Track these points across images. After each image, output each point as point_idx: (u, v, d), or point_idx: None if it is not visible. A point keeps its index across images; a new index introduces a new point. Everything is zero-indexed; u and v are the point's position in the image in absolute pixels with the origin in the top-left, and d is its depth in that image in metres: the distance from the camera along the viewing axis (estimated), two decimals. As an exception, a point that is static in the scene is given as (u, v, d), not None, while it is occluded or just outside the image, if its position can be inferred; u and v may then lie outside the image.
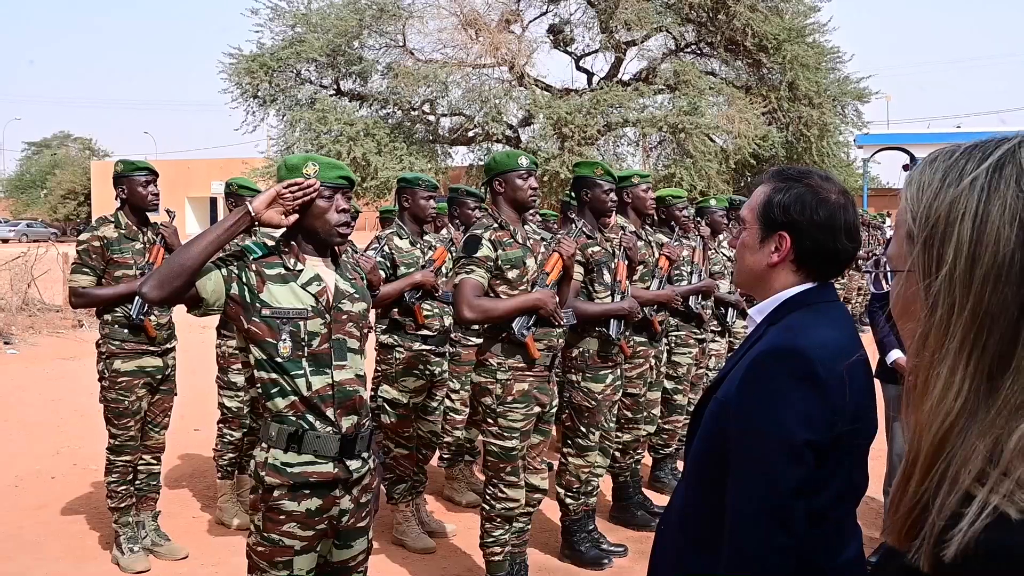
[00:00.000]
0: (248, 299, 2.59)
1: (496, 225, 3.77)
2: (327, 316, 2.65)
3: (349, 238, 3.02)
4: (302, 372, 2.60)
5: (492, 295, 3.72)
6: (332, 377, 2.63)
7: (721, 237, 6.30)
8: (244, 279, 2.59)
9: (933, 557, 0.78)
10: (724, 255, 6.17)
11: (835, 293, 1.77)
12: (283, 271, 2.63)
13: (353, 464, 2.66)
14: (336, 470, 2.62)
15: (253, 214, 2.58)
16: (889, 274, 0.94)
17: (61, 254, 13.35)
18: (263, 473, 2.59)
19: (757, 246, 1.73)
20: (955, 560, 0.76)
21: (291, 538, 2.58)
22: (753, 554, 1.49)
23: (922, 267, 0.84)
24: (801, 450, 1.49)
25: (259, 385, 2.65)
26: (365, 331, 2.81)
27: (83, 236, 4.32)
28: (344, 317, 2.70)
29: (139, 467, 4.49)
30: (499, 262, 3.70)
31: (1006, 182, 0.80)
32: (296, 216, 2.64)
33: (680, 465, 5.76)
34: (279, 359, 2.59)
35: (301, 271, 2.65)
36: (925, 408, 0.83)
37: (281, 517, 2.58)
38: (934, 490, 0.81)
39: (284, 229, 2.75)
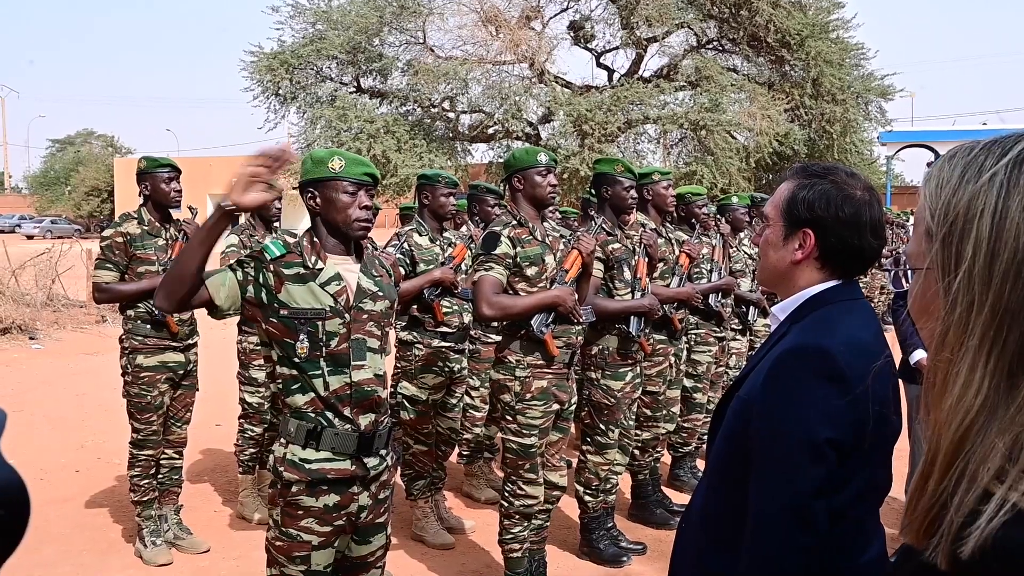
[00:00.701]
0: (266, 300, 2.60)
1: (515, 222, 3.77)
2: (346, 316, 2.65)
3: (369, 235, 3.03)
4: (319, 372, 2.61)
5: (511, 292, 3.72)
6: (350, 377, 2.63)
7: (742, 235, 6.27)
8: (261, 280, 2.59)
9: (951, 555, 0.78)
10: (745, 253, 6.14)
11: (860, 291, 1.75)
12: (302, 270, 2.63)
13: (371, 461, 2.67)
14: (354, 467, 2.63)
15: (235, 206, 2.49)
16: (909, 272, 0.95)
17: (85, 250, 13.49)
18: (281, 468, 2.61)
19: (781, 243, 1.72)
20: (972, 557, 0.76)
21: (309, 533, 2.60)
22: (774, 554, 1.49)
23: (941, 264, 0.83)
24: (823, 449, 1.48)
25: (279, 380, 2.66)
26: (387, 329, 2.81)
27: (107, 232, 4.36)
28: (365, 316, 2.69)
29: (161, 461, 4.53)
30: (518, 259, 3.70)
31: (1022, 175, 0.80)
32: (278, 190, 2.60)
33: (700, 464, 5.74)
34: (296, 359, 2.60)
35: (321, 270, 2.65)
36: (945, 406, 0.82)
37: (299, 512, 2.59)
38: (952, 488, 0.80)
39: (306, 226, 2.76)
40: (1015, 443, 0.77)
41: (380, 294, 2.76)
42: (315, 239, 2.69)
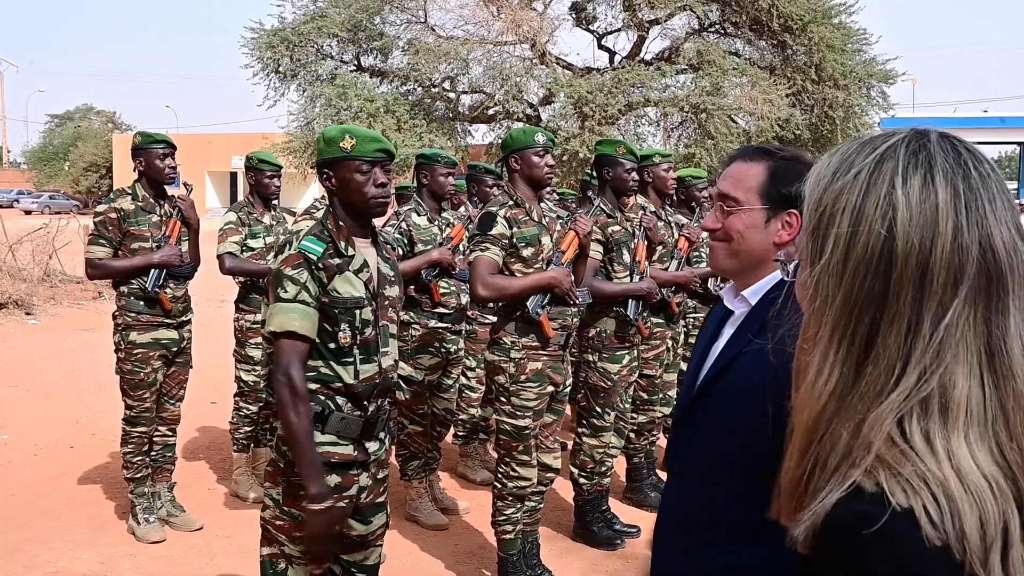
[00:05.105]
0: (322, 296, 2.57)
1: (512, 203, 3.74)
2: (374, 303, 2.63)
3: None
4: (352, 360, 2.59)
5: (507, 273, 3.69)
6: (380, 364, 2.63)
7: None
8: (319, 283, 2.55)
9: (805, 537, 0.83)
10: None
11: None
12: (339, 260, 2.59)
13: (372, 446, 2.67)
14: (356, 452, 2.62)
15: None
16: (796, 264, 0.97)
17: (82, 226, 13.42)
18: (285, 448, 2.58)
19: (763, 226, 1.69)
20: (813, 533, 0.81)
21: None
22: None
23: (808, 256, 0.88)
24: None
25: None
26: (400, 314, 2.80)
27: (100, 208, 4.33)
28: (386, 303, 2.69)
29: (155, 439, 4.52)
30: (514, 240, 3.67)
31: (883, 177, 0.84)
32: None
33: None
34: (332, 346, 2.56)
35: (352, 257, 2.62)
36: (802, 392, 0.86)
37: (302, 492, 2.57)
38: (809, 472, 0.85)
39: (315, 206, 2.71)
40: (858, 427, 0.82)
41: (394, 279, 2.75)
42: (339, 222, 2.65)
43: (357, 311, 2.58)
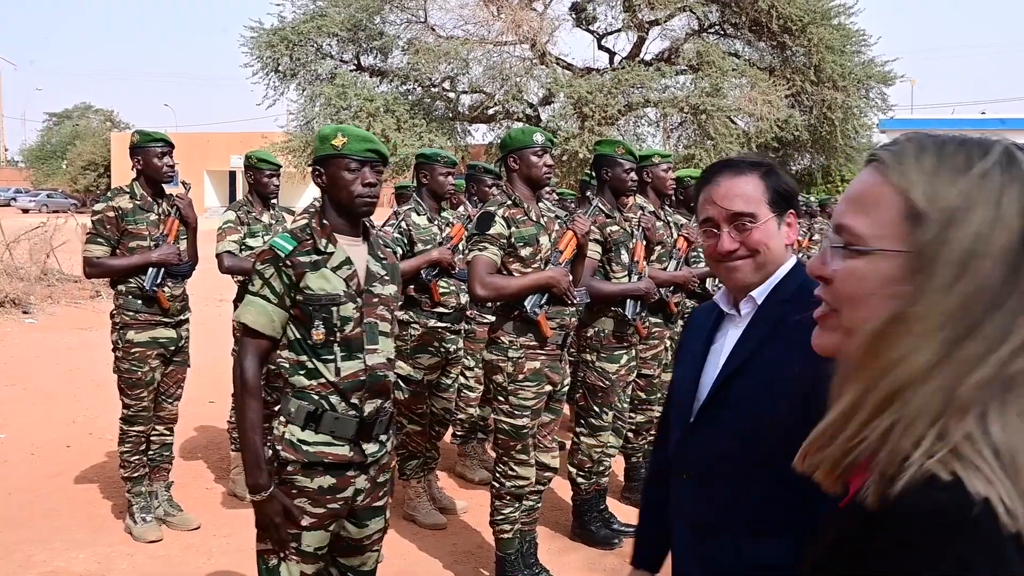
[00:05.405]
0: (292, 293, 2.58)
1: (510, 202, 3.74)
2: (358, 300, 2.63)
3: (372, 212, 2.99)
4: (332, 358, 2.59)
5: (505, 272, 3.69)
6: (365, 362, 2.61)
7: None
8: (284, 279, 2.57)
9: (881, 497, 0.85)
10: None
11: None
12: (315, 256, 2.60)
13: (369, 448, 2.65)
14: (352, 454, 2.61)
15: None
16: (834, 248, 0.96)
17: (80, 225, 13.41)
18: (279, 447, 2.59)
19: (778, 233, 1.76)
20: (893, 504, 0.83)
21: (301, 513, 2.57)
22: None
23: (922, 248, 0.88)
24: None
25: (285, 362, 2.63)
26: (396, 312, 2.79)
27: (98, 206, 4.33)
28: (375, 300, 2.67)
29: (152, 438, 4.51)
30: (512, 239, 3.67)
31: (1013, 176, 0.88)
32: None
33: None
34: (310, 343, 2.58)
35: (332, 254, 2.62)
36: (890, 355, 0.88)
37: (293, 492, 2.57)
38: (882, 434, 0.87)
39: (313, 205, 2.72)
40: (942, 403, 0.85)
41: (387, 277, 2.74)
42: (324, 220, 2.65)
43: (334, 308, 2.58)
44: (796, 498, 1.56)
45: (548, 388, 3.81)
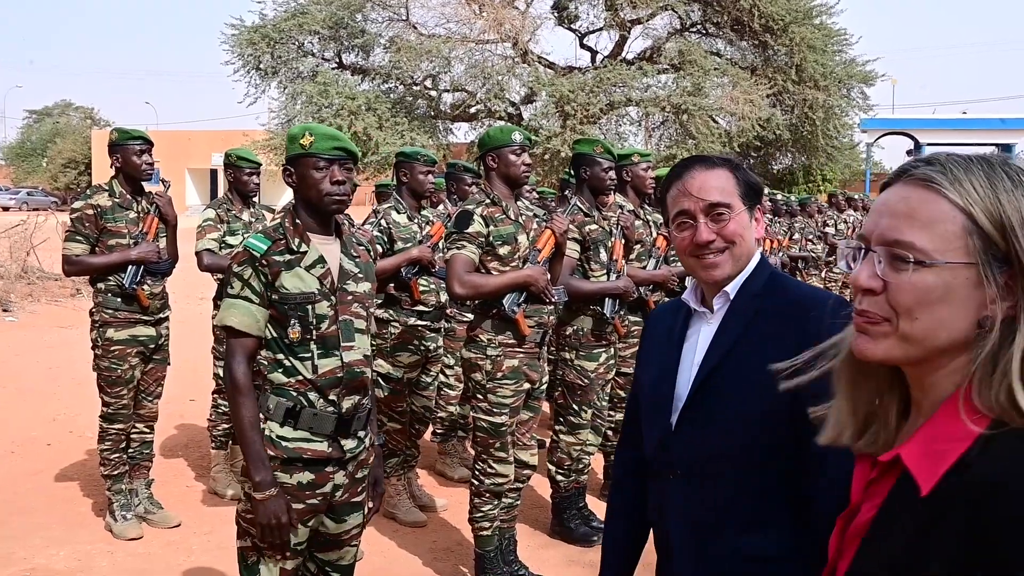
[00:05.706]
0: (268, 292, 2.60)
1: (488, 201, 3.76)
2: (332, 298, 2.65)
3: (346, 212, 3.01)
4: (309, 355, 2.61)
5: (483, 271, 3.71)
6: (341, 359, 2.63)
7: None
8: (262, 279, 2.59)
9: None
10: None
11: None
12: (289, 256, 2.61)
13: (348, 444, 2.66)
14: (330, 450, 2.63)
15: None
16: (882, 261, 1.00)
17: (61, 223, 13.31)
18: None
19: (751, 225, 1.77)
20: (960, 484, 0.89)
21: None
22: None
23: (1000, 259, 0.95)
24: None
25: (263, 360, 2.65)
26: (372, 310, 2.81)
27: (77, 204, 4.32)
28: (349, 298, 2.69)
29: (132, 436, 4.51)
30: (490, 238, 3.70)
31: None
32: None
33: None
34: (287, 341, 2.60)
35: (305, 253, 2.63)
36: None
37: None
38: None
39: (286, 204, 2.74)
40: (994, 373, 0.93)
41: (361, 275, 2.75)
42: (297, 220, 2.67)
43: (309, 306, 2.60)
44: (791, 488, 1.60)
45: (527, 386, 3.84)
